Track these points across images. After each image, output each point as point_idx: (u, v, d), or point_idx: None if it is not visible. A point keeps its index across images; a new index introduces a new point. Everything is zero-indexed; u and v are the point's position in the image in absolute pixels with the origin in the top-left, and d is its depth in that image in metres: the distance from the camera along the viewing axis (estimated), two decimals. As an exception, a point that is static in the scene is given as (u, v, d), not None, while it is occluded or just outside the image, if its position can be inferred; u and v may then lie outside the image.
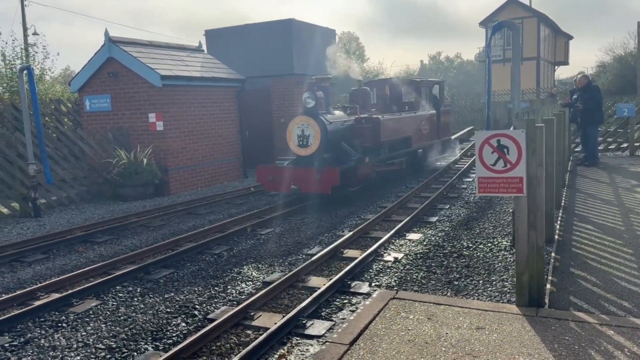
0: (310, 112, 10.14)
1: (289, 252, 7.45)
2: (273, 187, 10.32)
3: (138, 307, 5.54)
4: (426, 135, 13.82)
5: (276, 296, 5.71)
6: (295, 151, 10.38)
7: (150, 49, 13.70)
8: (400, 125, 12.22)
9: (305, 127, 10.11)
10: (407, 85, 14.09)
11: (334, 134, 10.34)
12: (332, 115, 10.70)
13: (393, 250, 7.23)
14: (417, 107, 13.65)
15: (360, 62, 66.98)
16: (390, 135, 11.65)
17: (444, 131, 15.59)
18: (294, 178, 9.99)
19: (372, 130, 11.01)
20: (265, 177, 10.25)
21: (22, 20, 30.11)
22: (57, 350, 4.60)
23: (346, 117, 11.13)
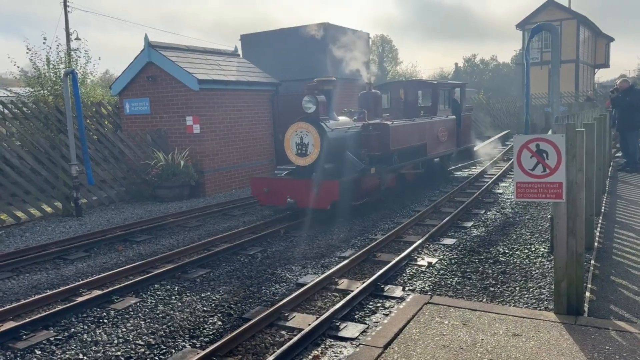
0: (309, 117, 9.29)
1: (322, 254, 7.49)
2: (268, 200, 9.45)
3: (176, 305, 5.68)
4: (445, 143, 12.75)
5: (309, 298, 5.76)
6: (293, 160, 9.50)
7: (188, 53, 14.01)
8: (414, 131, 11.25)
9: (304, 135, 9.21)
10: (423, 88, 13.30)
11: (337, 142, 9.43)
12: (336, 121, 9.81)
13: (427, 254, 7.18)
14: (434, 112, 12.58)
15: (394, 64, 66.61)
16: (402, 143, 10.69)
17: (465, 138, 14.42)
18: (289, 190, 9.06)
19: (381, 138, 10.09)
20: (260, 189, 9.41)
21: (65, 26, 31.26)
22: (99, 345, 4.76)
23: (352, 124, 10.22)
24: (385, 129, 10.12)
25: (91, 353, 4.60)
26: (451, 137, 13.18)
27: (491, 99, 32.23)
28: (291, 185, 9.15)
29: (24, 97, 17.41)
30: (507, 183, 13.05)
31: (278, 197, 9.19)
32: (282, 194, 9.11)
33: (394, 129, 10.33)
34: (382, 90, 13.08)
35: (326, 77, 10.01)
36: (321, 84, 9.66)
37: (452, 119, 13.31)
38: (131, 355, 4.52)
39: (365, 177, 9.48)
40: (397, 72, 65.07)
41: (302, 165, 9.39)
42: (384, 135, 10.08)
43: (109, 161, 12.52)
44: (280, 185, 9.26)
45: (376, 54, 66.08)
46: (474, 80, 70.06)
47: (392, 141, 10.21)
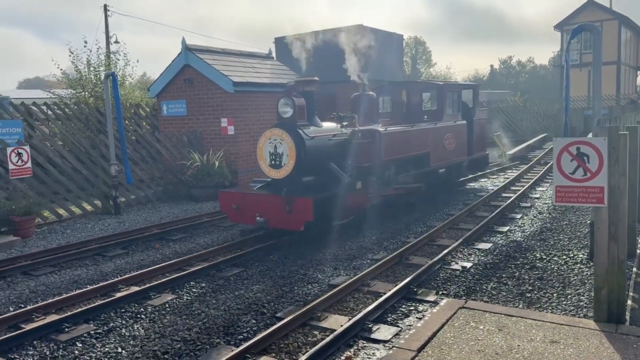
0: (284, 123, 8.06)
1: (353, 256, 7.49)
2: (237, 218, 8.25)
3: (210, 302, 5.78)
4: (452, 151, 11.32)
5: (342, 299, 5.77)
6: (266, 172, 8.23)
7: (223, 56, 14.24)
8: (413, 139, 9.94)
9: (278, 143, 7.95)
10: (427, 89, 11.87)
11: (318, 151, 8.13)
12: (318, 127, 8.49)
13: (461, 258, 7.09)
14: (440, 117, 11.16)
15: (427, 66, 66.02)
16: (398, 152, 9.43)
17: (478, 146, 12.86)
18: (259, 208, 7.85)
19: (371, 147, 8.84)
20: (229, 204, 8.23)
21: (105, 29, 32.21)
22: (136, 339, 4.89)
23: (338, 130, 8.83)
24: (376, 136, 8.88)
25: (129, 347, 4.73)
26: (461, 144, 11.76)
27: (528, 101, 31.51)
28: (260, 201, 7.89)
29: (66, 98, 18.01)
30: (545, 187, 12.75)
31: (247, 214, 7.99)
32: (251, 211, 7.90)
33: (387, 136, 9.07)
34: (382, 93, 11.96)
35: (308, 77, 8.64)
36: (302, 84, 8.45)
37: (462, 125, 11.87)
38: (168, 350, 4.63)
39: (351, 192, 8.22)
40: (430, 73, 64.44)
41: (277, 179, 8.11)
42: (375, 143, 8.86)
43: (147, 161, 12.84)
44: (250, 201, 8.01)
45: (409, 56, 65.61)
46: (510, 83, 68.74)
47: (385, 150, 8.98)
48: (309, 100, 8.40)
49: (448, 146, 11.15)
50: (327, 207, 7.69)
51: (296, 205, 7.37)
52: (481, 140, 13.10)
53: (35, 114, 13.58)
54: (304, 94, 8.36)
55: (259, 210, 7.81)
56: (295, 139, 7.85)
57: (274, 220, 7.65)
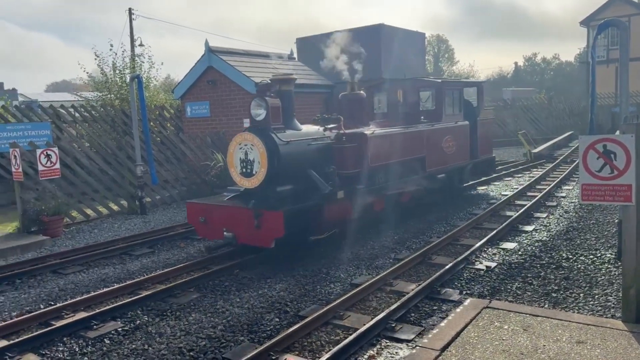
0: (256, 127, 7.34)
1: (376, 255, 7.48)
2: (205, 232, 7.48)
3: (234, 300, 5.85)
4: (452, 155, 10.41)
5: (364, 298, 5.78)
6: (237, 181, 7.55)
7: (245, 57, 14.37)
8: (406, 142, 9.02)
9: (249, 149, 7.25)
10: (424, 87, 10.93)
11: (295, 157, 7.39)
12: (296, 130, 7.74)
13: (485, 258, 7.02)
14: (439, 117, 10.26)
15: (450, 64, 65.42)
16: (387, 158, 8.55)
17: (484, 148, 11.80)
18: (226, 221, 7.10)
19: (357, 151, 8.02)
20: (196, 217, 7.49)
21: (130, 32, 32.77)
22: (163, 337, 4.99)
23: (320, 134, 8.04)
24: (362, 139, 8.07)
25: (155, 344, 4.82)
26: (463, 147, 10.81)
27: (553, 99, 30.94)
28: (227, 214, 7.13)
29: (93, 101, 18.41)
30: (571, 186, 12.52)
31: (214, 228, 7.26)
32: (219, 225, 7.18)
33: (374, 139, 8.23)
34: (378, 92, 11.12)
35: (284, 75, 7.96)
36: (278, 83, 7.69)
37: (464, 126, 10.90)
38: (193, 348, 4.71)
39: (331, 203, 7.38)
40: (453, 71, 63.82)
41: (249, 188, 7.42)
42: (360, 147, 8.04)
43: (172, 162, 13.04)
44: (217, 214, 7.26)
45: (432, 54, 65.09)
46: (534, 80, 67.59)
47: (372, 155, 8.16)
48: (286, 101, 7.66)
49: (447, 149, 10.26)
50: (302, 221, 7.01)
51: (265, 219, 6.58)
52: (487, 142, 12.03)
53: (63, 116, 13.92)
54: (280, 94, 7.61)
55: (226, 223, 7.05)
56: (268, 144, 7.10)
57: (243, 235, 6.87)
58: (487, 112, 12.38)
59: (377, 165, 8.33)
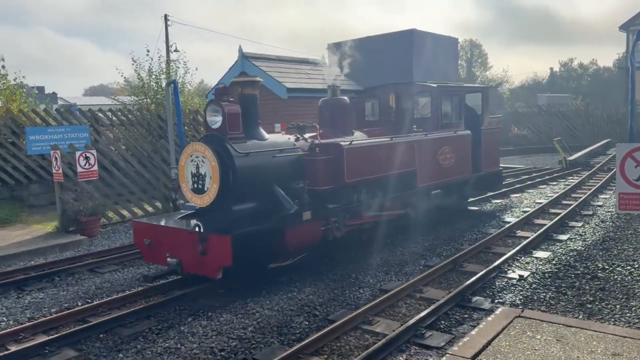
0: (210, 136, 6.49)
1: (405, 262, 7.45)
2: (150, 256, 6.54)
3: (264, 302, 5.93)
4: (450, 168, 9.31)
5: (393, 304, 5.77)
6: (189, 199, 6.64)
7: (278, 63, 14.55)
8: (392, 154, 7.98)
9: (201, 162, 6.32)
10: (419, 93, 9.75)
11: (256, 171, 6.51)
12: (259, 141, 6.78)
13: (518, 267, 6.91)
14: (435, 125, 9.29)
15: (483, 70, 64.55)
16: (368, 172, 7.59)
17: (489, 160, 10.57)
18: (170, 245, 6.16)
19: (330, 165, 7.11)
20: (141, 238, 6.53)
21: (165, 38, 33.55)
22: (195, 336, 5.09)
23: (289, 145, 7.10)
24: (337, 151, 7.15)
25: (187, 343, 4.93)
26: (463, 159, 9.69)
27: (590, 105, 30.15)
28: (172, 237, 6.19)
29: (129, 105, 18.89)
30: (608, 195, 12.19)
31: (160, 252, 6.30)
32: (163, 249, 6.26)
33: (352, 151, 7.27)
34: (369, 97, 10.21)
35: (248, 77, 7.07)
36: (239, 86, 6.78)
37: (465, 135, 9.80)
38: (224, 348, 4.79)
39: (296, 225, 6.44)
40: (486, 77, 62.89)
41: (202, 207, 6.52)
42: (335, 160, 7.14)
43: (203, 165, 13.26)
44: (161, 237, 6.33)
45: (464, 59, 64.32)
46: (570, 86, 66.00)
47: (349, 169, 7.20)
48: (250, 107, 6.74)
49: (444, 162, 9.14)
50: (258, 247, 6.16)
51: (210, 244, 5.66)
52: (492, 154, 10.81)
53: (101, 119, 14.35)
54: (242, 99, 6.73)
55: (170, 248, 6.12)
56: (221, 156, 6.19)
57: (188, 262, 5.95)
58: (493, 120, 11.21)
59: (355, 180, 7.37)
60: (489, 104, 10.90)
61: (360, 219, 7.75)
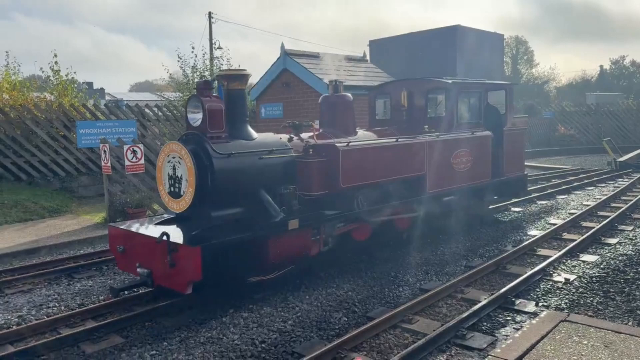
0: (189, 135, 5.96)
1: (446, 262, 7.35)
2: (123, 264, 6.00)
3: (304, 297, 5.97)
4: (466, 173, 8.45)
5: (434, 304, 5.71)
6: (165, 203, 6.14)
7: (319, 60, 14.56)
8: (397, 157, 7.33)
9: (177, 163, 5.81)
10: (433, 90, 8.98)
11: (238, 174, 5.92)
12: (245, 141, 6.17)
13: (564, 270, 6.71)
14: (449, 125, 8.47)
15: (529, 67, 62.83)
16: (368, 176, 6.94)
17: (512, 164, 9.67)
18: (141, 254, 5.64)
19: (324, 168, 6.52)
20: (114, 244, 6.04)
21: (209, 36, 34.16)
22: (236, 327, 5.19)
23: (281, 145, 6.48)
24: (332, 153, 6.55)
25: (229, 334, 5.02)
26: (482, 163, 8.77)
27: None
28: (142, 245, 5.62)
29: (174, 101, 19.38)
30: (661, 198, 11.65)
31: (132, 261, 5.76)
32: (134, 258, 5.74)
33: (349, 154, 6.65)
34: (379, 94, 9.63)
35: (234, 70, 6.49)
36: (225, 80, 6.20)
37: (485, 137, 8.86)
38: (265, 340, 4.87)
39: (280, 235, 5.86)
40: (532, 74, 61.10)
41: (179, 213, 5.97)
42: (330, 163, 6.54)
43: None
44: (133, 244, 5.80)
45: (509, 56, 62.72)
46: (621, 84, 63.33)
47: (345, 173, 6.57)
48: (236, 103, 6.18)
49: (459, 166, 8.30)
50: (236, 259, 5.60)
51: (179, 256, 5.09)
52: (516, 157, 9.87)
53: (147, 115, 14.76)
54: (228, 94, 6.20)
55: (141, 257, 5.61)
56: (198, 157, 5.66)
57: (158, 274, 5.39)
58: (517, 120, 10.14)
59: (352, 185, 6.74)
60: (512, 102, 9.95)
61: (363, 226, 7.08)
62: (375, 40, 18.61)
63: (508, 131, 9.52)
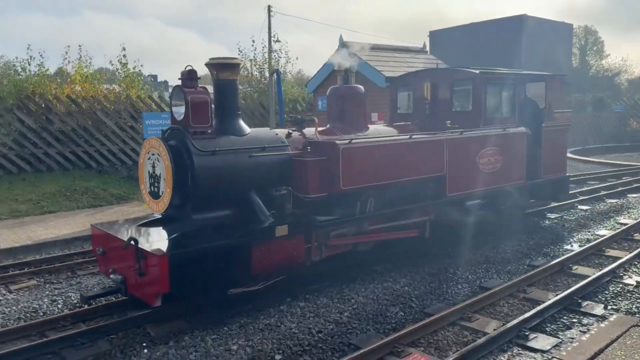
0: (172, 129, 5.56)
1: (508, 260, 7.13)
2: (102, 267, 5.67)
3: (360, 289, 5.97)
4: (496, 174, 7.52)
5: (494, 302, 5.56)
6: (147, 203, 5.80)
7: (377, 51, 14.43)
8: (410, 156, 6.50)
9: (157, 160, 5.39)
10: (460, 81, 8.07)
11: (223, 174, 5.42)
12: (235, 137, 5.64)
13: (635, 273, 6.35)
14: (476, 121, 7.59)
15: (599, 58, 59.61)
16: (373, 177, 6.13)
17: (551, 165, 8.58)
18: (115, 259, 5.26)
19: (323, 168, 5.81)
20: (95, 245, 5.74)
21: (268, 29, 34.61)
22: (294, 316, 5.26)
23: (278, 142, 5.95)
24: (332, 151, 5.80)
25: (287, 322, 5.11)
26: (515, 163, 7.83)
27: None
28: (116, 249, 5.18)
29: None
30: None
31: (108, 265, 5.42)
32: (110, 262, 5.39)
33: (350, 152, 5.88)
34: (402, 86, 8.76)
35: (224, 58, 5.68)
36: (214, 69, 5.62)
37: (519, 134, 7.92)
38: (321, 330, 4.92)
39: (266, 242, 5.28)
40: (602, 66, 57.84)
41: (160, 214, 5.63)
42: (330, 162, 5.81)
43: (302, 153, 13.59)
44: (110, 247, 5.41)
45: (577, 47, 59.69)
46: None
47: (346, 173, 5.81)
48: (226, 95, 5.71)
49: (487, 166, 7.40)
50: (212, 269, 4.92)
51: (147, 264, 4.67)
52: (557, 157, 8.78)
53: (208, 107, 15.15)
54: (218, 84, 5.69)
55: (115, 262, 5.22)
56: (178, 154, 5.23)
57: (131, 281, 4.96)
58: (560, 116, 8.88)
59: (354, 187, 5.96)
60: (554, 95, 8.74)
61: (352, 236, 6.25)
62: (435, 31, 18.22)
63: (548, 128, 8.47)
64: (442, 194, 6.92)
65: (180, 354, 4.51)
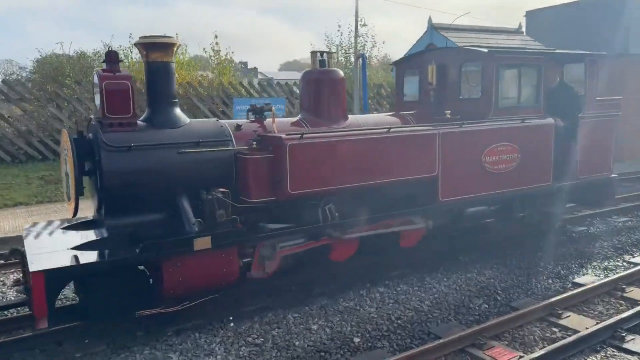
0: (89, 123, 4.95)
1: (606, 256, 6.67)
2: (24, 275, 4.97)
3: (442, 279, 5.87)
4: (507, 175, 6.30)
5: (588, 300, 5.25)
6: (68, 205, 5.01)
7: (469, 33, 13.89)
8: (384, 154, 5.39)
9: (67, 157, 4.76)
10: (469, 63, 6.81)
11: (142, 174, 4.66)
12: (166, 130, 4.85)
13: None
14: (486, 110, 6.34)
15: None
16: (332, 180, 5.10)
17: (591, 162, 7.22)
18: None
19: (268, 168, 4.91)
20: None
21: (355, 13, 34.40)
22: (373, 301, 5.28)
23: (220, 135, 5.08)
24: (278, 148, 4.88)
25: (366, 307, 5.15)
26: (536, 161, 6.55)
27: None
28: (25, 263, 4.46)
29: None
30: None
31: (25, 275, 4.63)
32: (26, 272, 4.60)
33: (300, 149, 4.90)
34: (408, 69, 7.44)
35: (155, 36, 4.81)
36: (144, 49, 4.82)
37: (543, 126, 6.62)
38: (400, 316, 4.92)
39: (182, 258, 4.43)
40: None
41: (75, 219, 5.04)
42: (276, 161, 4.91)
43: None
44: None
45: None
46: None
47: (295, 175, 4.87)
48: (157, 79, 4.91)
49: (496, 165, 6.20)
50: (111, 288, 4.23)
51: (32, 282, 3.92)
52: (599, 153, 7.33)
53: (295, 93, 15.46)
54: (148, 67, 4.89)
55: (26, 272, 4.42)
56: (85, 150, 4.57)
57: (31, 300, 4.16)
58: (604, 103, 7.41)
59: (305, 192, 4.98)
60: (596, 78, 7.26)
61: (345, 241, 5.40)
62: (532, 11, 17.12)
63: (588, 118, 7.10)
64: (434, 199, 5.81)
65: (263, 329, 4.71)
